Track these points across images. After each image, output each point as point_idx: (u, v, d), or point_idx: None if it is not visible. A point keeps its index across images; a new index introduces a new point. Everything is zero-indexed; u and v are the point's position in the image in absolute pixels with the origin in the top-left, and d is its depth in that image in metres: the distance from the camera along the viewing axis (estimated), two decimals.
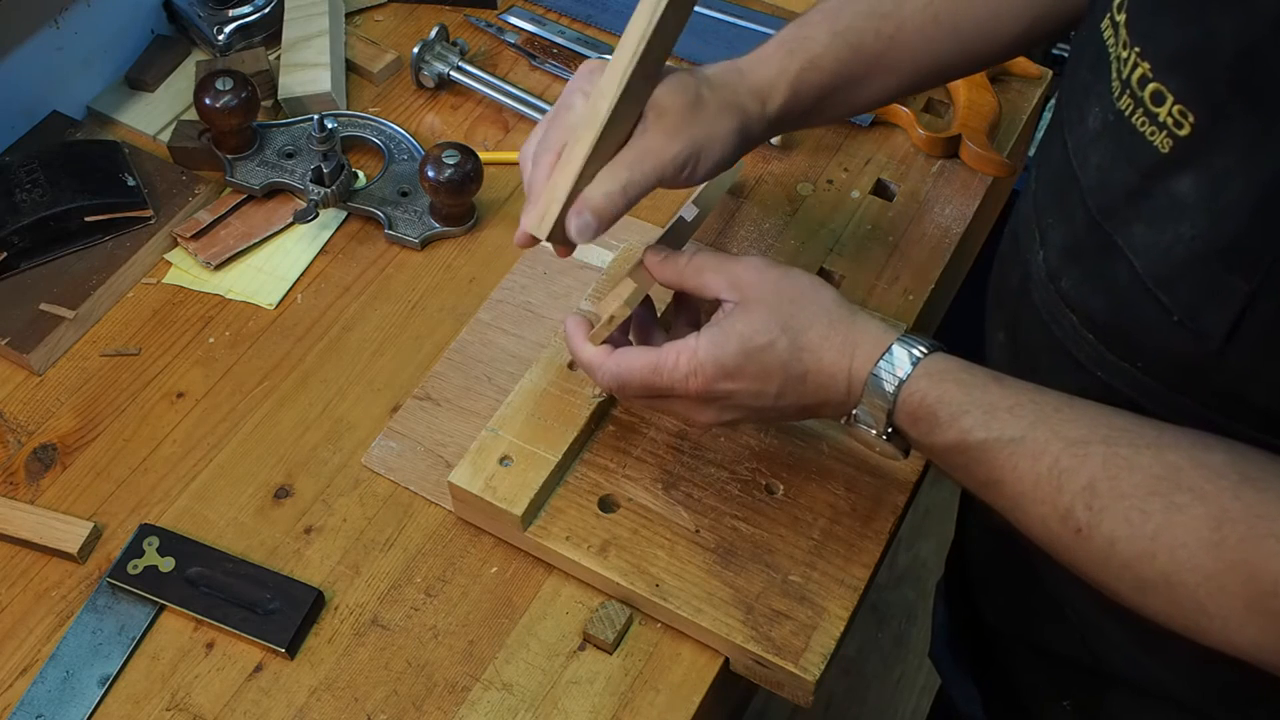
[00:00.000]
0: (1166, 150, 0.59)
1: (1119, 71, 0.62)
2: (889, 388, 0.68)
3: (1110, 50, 0.63)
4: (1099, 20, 0.65)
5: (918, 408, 0.68)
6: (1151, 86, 0.59)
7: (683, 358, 0.72)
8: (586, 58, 1.15)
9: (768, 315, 0.71)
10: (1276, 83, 0.53)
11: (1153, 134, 0.60)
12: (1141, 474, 0.59)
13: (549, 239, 0.75)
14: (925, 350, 0.69)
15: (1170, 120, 0.58)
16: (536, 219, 0.74)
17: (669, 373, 0.73)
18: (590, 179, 0.73)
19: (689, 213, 0.87)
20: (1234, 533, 0.56)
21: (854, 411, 0.71)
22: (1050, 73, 1.13)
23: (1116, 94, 0.62)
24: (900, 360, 0.68)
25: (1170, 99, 0.58)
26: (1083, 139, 0.66)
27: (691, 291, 0.76)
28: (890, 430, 0.70)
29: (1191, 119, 0.57)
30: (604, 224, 0.73)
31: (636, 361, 0.74)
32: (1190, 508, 0.58)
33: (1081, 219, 0.66)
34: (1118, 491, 0.60)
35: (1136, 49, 0.60)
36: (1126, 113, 0.61)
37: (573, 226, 0.73)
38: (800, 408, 0.73)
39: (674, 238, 0.84)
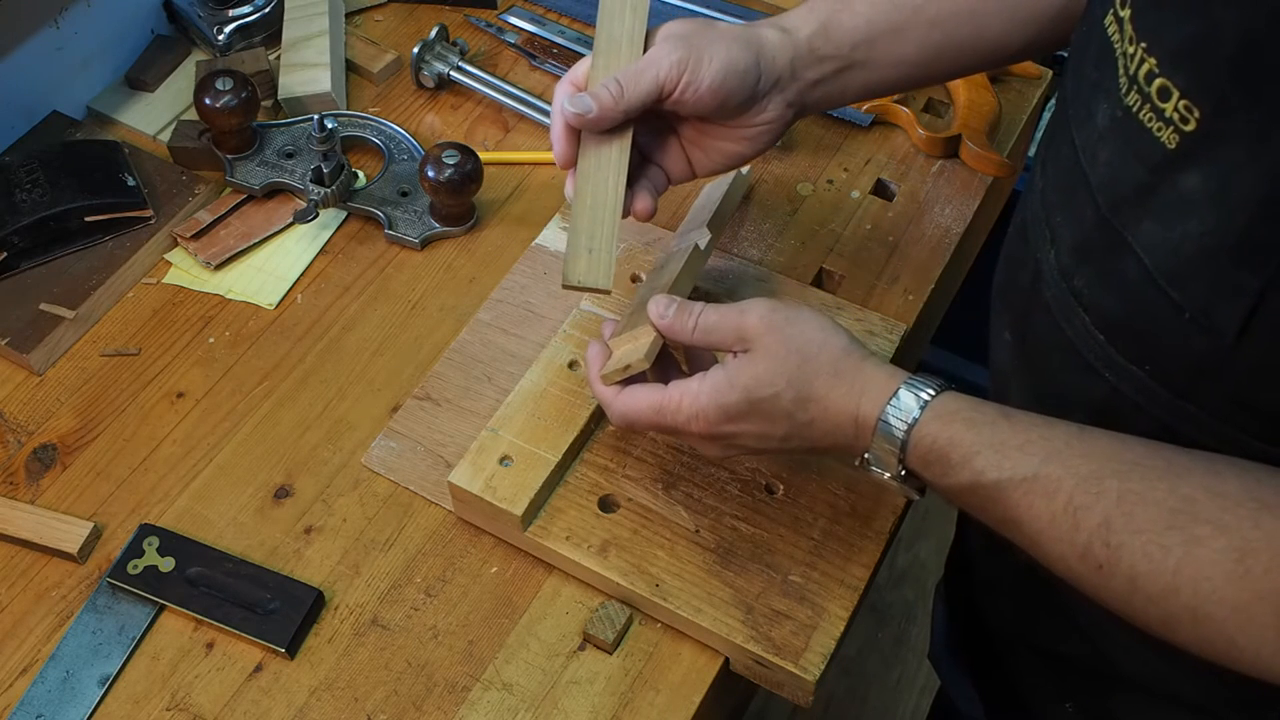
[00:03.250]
0: (1174, 146, 0.59)
1: (1125, 68, 0.62)
2: (898, 432, 0.68)
3: (1115, 46, 0.63)
4: (1102, 16, 0.65)
5: (929, 451, 0.67)
6: (1158, 82, 0.59)
7: (685, 400, 0.73)
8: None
9: (773, 367, 0.71)
10: (1279, 75, 0.53)
11: (1160, 130, 0.59)
12: (1157, 508, 0.59)
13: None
14: (933, 392, 0.68)
15: (1177, 116, 0.58)
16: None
17: (672, 414, 0.74)
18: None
19: (702, 239, 0.87)
20: (1258, 563, 0.56)
21: (865, 455, 0.71)
22: (1050, 73, 1.13)
23: (1124, 90, 0.62)
24: (908, 404, 0.68)
25: (1176, 94, 0.58)
26: (1091, 136, 0.66)
27: (702, 349, 0.77)
28: (904, 473, 0.70)
29: (1197, 114, 0.57)
30: (602, 109, 0.76)
31: (642, 402, 0.75)
32: (1211, 540, 0.57)
33: (1091, 217, 0.66)
34: (1134, 527, 0.59)
35: (1143, 45, 0.60)
36: (1134, 109, 0.61)
37: (569, 103, 0.76)
38: (809, 449, 0.74)
39: (690, 267, 0.84)
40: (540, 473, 0.83)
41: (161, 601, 0.82)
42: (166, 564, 0.83)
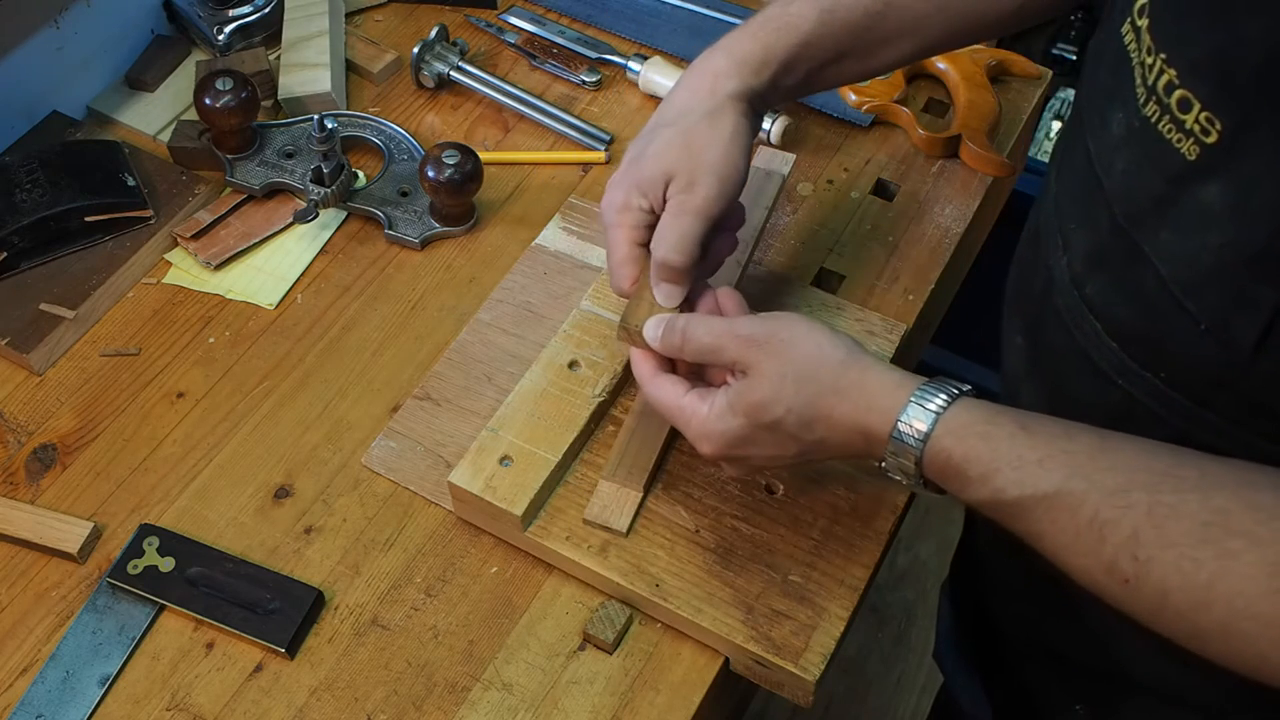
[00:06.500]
0: (1194, 158, 0.58)
1: (1143, 78, 0.61)
2: (912, 446, 0.66)
3: (1133, 56, 0.62)
4: (1118, 25, 0.64)
5: (945, 466, 0.65)
6: (1178, 93, 0.58)
7: (694, 421, 0.73)
8: (587, 58, 1.15)
9: (772, 394, 0.70)
10: None
11: (1180, 141, 0.59)
12: (1189, 521, 0.57)
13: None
14: (944, 401, 0.66)
15: (1197, 127, 0.58)
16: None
17: (684, 425, 0.74)
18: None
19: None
20: None
21: (882, 464, 0.69)
22: (1050, 73, 1.13)
23: (1142, 100, 0.61)
24: (917, 418, 0.66)
25: (1198, 106, 0.57)
26: (1106, 144, 0.65)
27: (695, 362, 0.76)
28: (923, 482, 0.68)
29: (1219, 126, 0.56)
30: (682, 268, 0.77)
31: (668, 397, 0.75)
32: (1244, 554, 0.56)
33: (1106, 225, 0.65)
34: (1165, 541, 0.58)
35: (1162, 55, 0.59)
36: (1152, 119, 0.60)
37: (660, 294, 0.78)
38: (829, 459, 0.73)
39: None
40: (540, 473, 0.83)
41: (161, 601, 0.82)
42: (166, 564, 0.83)
